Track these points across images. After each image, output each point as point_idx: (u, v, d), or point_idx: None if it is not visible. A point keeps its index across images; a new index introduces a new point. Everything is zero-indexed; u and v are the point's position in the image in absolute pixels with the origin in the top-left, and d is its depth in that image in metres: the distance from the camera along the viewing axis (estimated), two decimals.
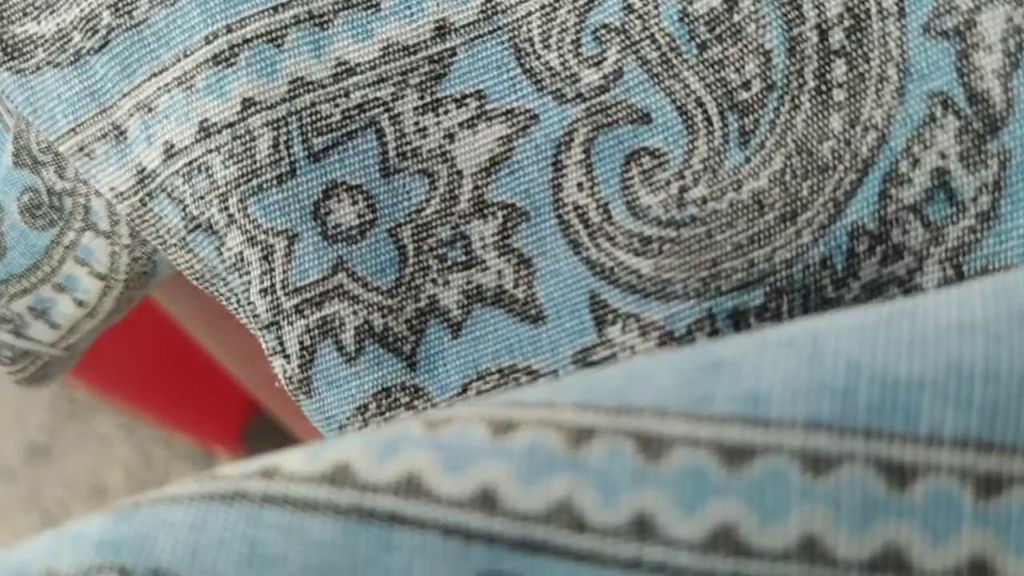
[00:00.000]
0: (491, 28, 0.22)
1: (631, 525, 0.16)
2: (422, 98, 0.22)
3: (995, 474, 0.15)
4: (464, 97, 0.23)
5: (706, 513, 0.15)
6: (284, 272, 0.22)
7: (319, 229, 0.22)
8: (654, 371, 0.17)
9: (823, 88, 0.21)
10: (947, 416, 0.16)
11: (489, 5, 0.22)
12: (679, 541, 0.15)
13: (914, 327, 0.16)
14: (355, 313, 0.23)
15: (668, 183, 0.22)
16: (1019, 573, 0.15)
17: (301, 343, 0.23)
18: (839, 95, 0.21)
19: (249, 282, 0.23)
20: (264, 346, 0.23)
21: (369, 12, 0.22)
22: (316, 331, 0.23)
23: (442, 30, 0.22)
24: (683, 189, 0.22)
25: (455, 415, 0.17)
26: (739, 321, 0.22)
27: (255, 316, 0.23)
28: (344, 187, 0.23)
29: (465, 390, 0.23)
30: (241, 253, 0.23)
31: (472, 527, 0.16)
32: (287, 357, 0.23)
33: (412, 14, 0.22)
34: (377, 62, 0.22)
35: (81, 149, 0.23)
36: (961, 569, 0.15)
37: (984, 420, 0.16)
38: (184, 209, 0.23)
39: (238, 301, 0.23)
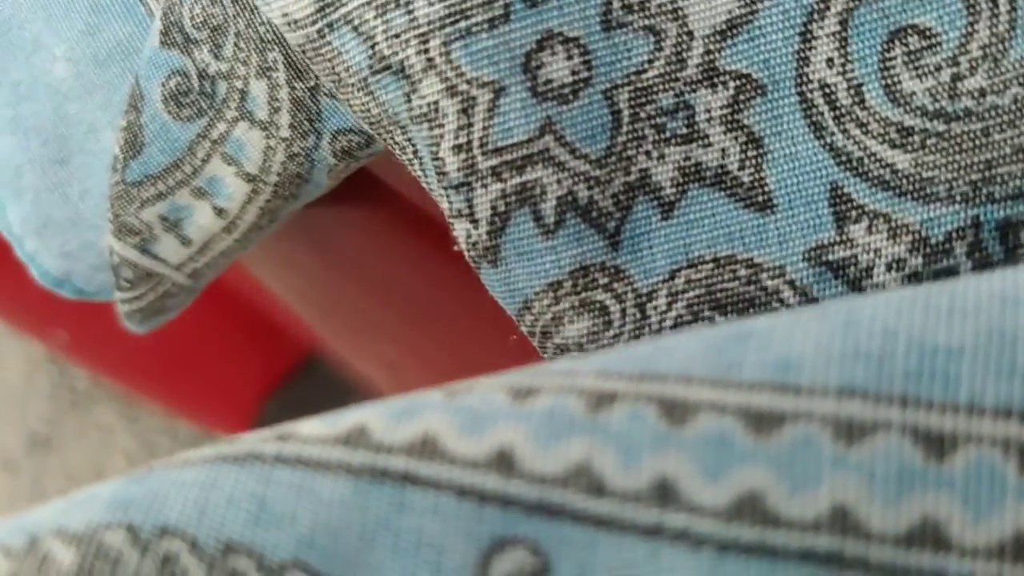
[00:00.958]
0: None
1: (652, 490, 0.15)
2: None
3: None
4: None
5: (731, 480, 0.15)
6: (484, 129, 0.20)
7: (529, 84, 0.20)
8: (681, 343, 0.16)
9: None
10: (988, 384, 0.15)
11: None
12: (702, 508, 0.15)
13: (954, 298, 0.16)
14: (559, 182, 0.20)
15: (939, 69, 0.19)
16: None
17: (494, 208, 0.20)
18: None
19: (441, 136, 0.20)
20: (447, 206, 0.20)
21: None
22: (513, 197, 0.20)
23: None
24: (956, 77, 0.19)
25: (476, 384, 0.17)
26: (1008, 233, 0.19)
27: (441, 173, 0.20)
28: (560, 38, 0.20)
29: (673, 277, 0.20)
30: (436, 103, 0.20)
31: (487, 488, 0.15)
32: (475, 221, 0.20)
33: None
34: None
35: None
36: (1005, 546, 0.14)
37: None
38: (372, 47, 0.20)
39: (415, 153, 0.20)
